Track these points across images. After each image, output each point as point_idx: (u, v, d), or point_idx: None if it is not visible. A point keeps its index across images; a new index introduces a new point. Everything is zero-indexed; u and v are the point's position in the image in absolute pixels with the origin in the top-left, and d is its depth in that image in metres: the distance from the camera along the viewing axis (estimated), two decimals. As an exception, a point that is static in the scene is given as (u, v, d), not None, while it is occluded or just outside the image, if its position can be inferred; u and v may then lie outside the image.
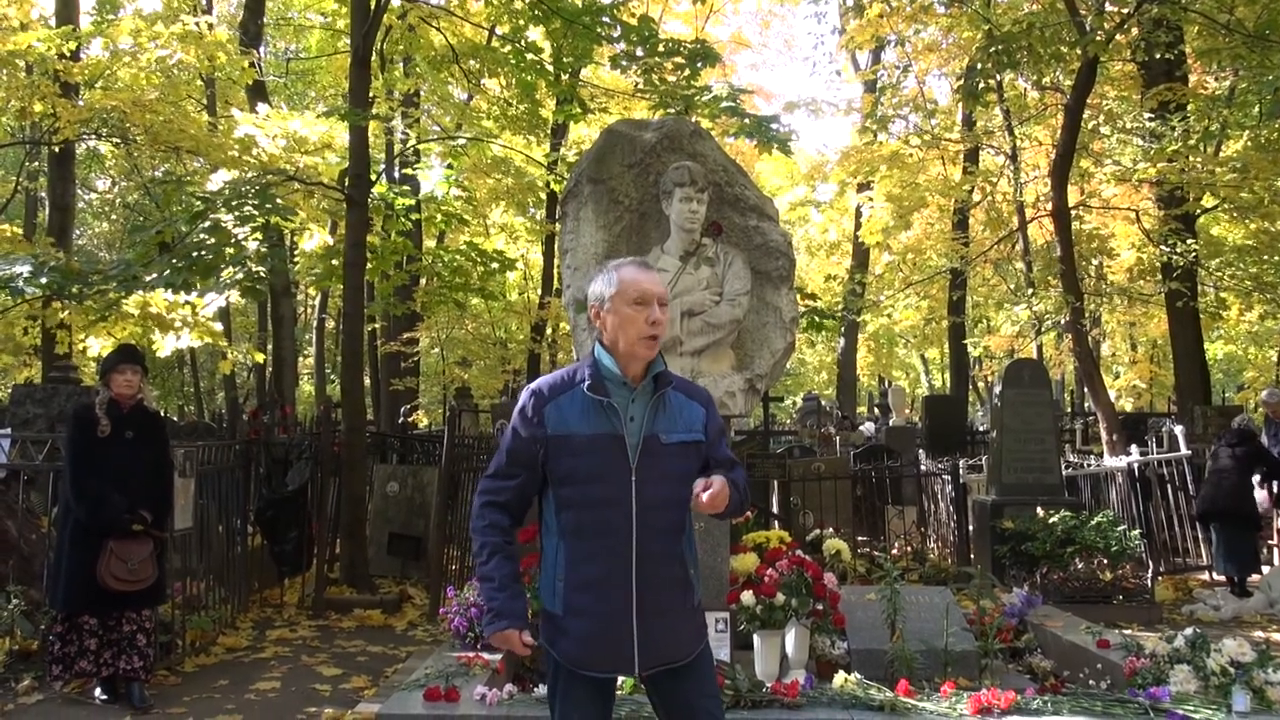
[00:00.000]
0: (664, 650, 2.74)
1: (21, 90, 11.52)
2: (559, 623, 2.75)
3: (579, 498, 2.72)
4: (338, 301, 20.24)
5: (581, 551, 2.71)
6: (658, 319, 2.74)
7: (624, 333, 2.74)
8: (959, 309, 19.78)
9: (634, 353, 2.75)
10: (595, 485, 2.70)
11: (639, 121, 6.35)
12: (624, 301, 2.74)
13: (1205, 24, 10.83)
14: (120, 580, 5.23)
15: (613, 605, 2.69)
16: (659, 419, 2.75)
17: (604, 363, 2.77)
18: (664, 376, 2.80)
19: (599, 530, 2.70)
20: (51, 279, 7.47)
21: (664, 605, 2.73)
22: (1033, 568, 7.95)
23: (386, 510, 9.77)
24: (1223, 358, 27.40)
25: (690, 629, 2.82)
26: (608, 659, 2.73)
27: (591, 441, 2.71)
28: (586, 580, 2.71)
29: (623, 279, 2.76)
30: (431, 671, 4.51)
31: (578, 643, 2.72)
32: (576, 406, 2.74)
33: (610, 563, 2.69)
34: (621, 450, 2.70)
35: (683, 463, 2.77)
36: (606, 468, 2.70)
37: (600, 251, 5.81)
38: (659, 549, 2.72)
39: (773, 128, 9.04)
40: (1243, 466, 8.81)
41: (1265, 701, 4.16)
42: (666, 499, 2.73)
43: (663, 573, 2.73)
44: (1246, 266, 15.31)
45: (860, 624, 5.17)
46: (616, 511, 2.68)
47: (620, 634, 2.69)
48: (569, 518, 2.74)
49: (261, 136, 10.94)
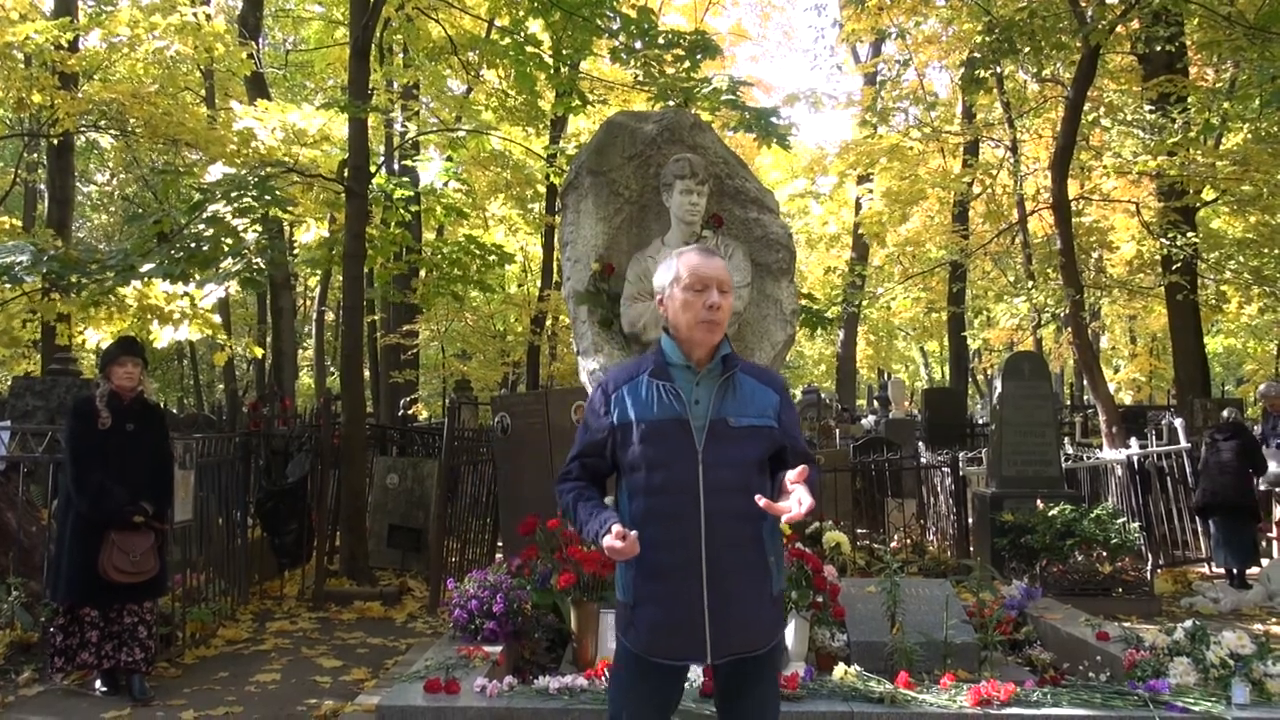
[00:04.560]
0: (737, 639, 2.70)
1: (20, 82, 11.48)
2: (630, 613, 2.75)
3: (646, 484, 2.71)
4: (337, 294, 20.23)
5: (650, 538, 2.67)
6: (715, 303, 2.72)
7: (683, 317, 2.76)
8: (958, 301, 19.78)
9: (693, 337, 2.75)
10: (661, 471, 2.69)
11: (639, 113, 6.33)
12: (682, 286, 2.76)
13: (1206, 16, 10.79)
14: (121, 572, 5.24)
15: (683, 592, 2.66)
16: (727, 402, 2.73)
17: (667, 349, 2.79)
18: (731, 359, 2.78)
19: (667, 516, 2.68)
20: (50, 268, 7.45)
21: (738, 592, 2.68)
22: (1032, 560, 7.97)
23: (386, 503, 9.77)
24: (1222, 351, 27.41)
25: (767, 618, 2.76)
26: (679, 646, 2.70)
27: (656, 428, 2.71)
28: (656, 568, 2.69)
29: (682, 265, 2.79)
30: (431, 663, 4.51)
31: (649, 630, 2.71)
32: (641, 394, 2.76)
33: (680, 549, 2.66)
34: (687, 434, 2.69)
35: (753, 447, 2.73)
36: (672, 453, 2.69)
37: (600, 244, 5.80)
38: (731, 534, 2.68)
39: (773, 121, 9.02)
40: (1240, 459, 8.81)
41: (1265, 694, 4.16)
42: (737, 483, 2.68)
43: (737, 558, 2.69)
44: (1246, 260, 15.30)
45: (860, 616, 5.17)
46: (684, 497, 2.66)
47: (692, 621, 2.66)
48: (638, 505, 2.74)
49: (260, 129, 10.92)
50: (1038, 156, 17.11)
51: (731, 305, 2.77)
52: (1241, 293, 17.04)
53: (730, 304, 2.78)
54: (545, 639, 5.24)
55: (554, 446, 7.53)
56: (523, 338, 18.18)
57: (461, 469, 9.18)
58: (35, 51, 11.38)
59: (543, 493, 7.34)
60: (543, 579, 5.11)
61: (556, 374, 18.16)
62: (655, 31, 9.33)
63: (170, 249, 7.72)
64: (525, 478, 7.76)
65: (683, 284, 2.76)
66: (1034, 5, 11.02)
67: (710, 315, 2.72)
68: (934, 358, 35.84)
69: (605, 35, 9.86)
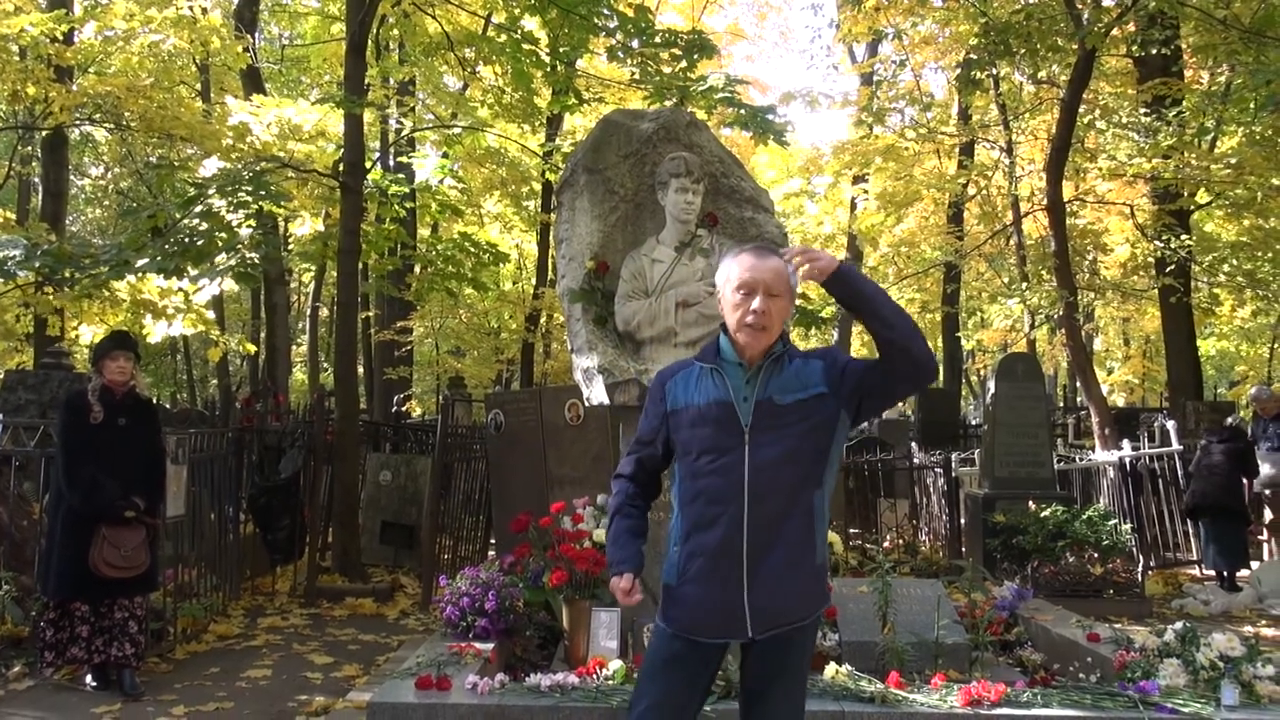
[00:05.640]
0: (777, 613, 2.73)
1: (14, 74, 11.43)
2: (673, 593, 2.79)
3: (695, 468, 2.77)
4: (331, 290, 20.20)
5: (696, 519, 2.76)
6: (759, 309, 2.74)
7: (731, 318, 2.81)
8: (952, 302, 19.80)
9: (738, 340, 2.79)
10: (708, 454, 2.75)
11: (636, 111, 6.32)
12: (731, 288, 2.80)
13: (1201, 19, 10.81)
14: (112, 567, 5.23)
15: (722, 570, 2.71)
16: (772, 383, 2.77)
17: (723, 344, 2.84)
18: (780, 353, 2.81)
19: (712, 497, 2.73)
20: (44, 262, 7.43)
21: (780, 567, 2.72)
22: (1024, 561, 7.98)
23: (379, 499, 9.76)
24: (1215, 354, 27.47)
25: (809, 589, 2.79)
26: (718, 625, 2.75)
27: (703, 411, 2.77)
28: (700, 547, 2.74)
29: (735, 265, 2.82)
30: (423, 660, 4.50)
31: (690, 609, 2.76)
32: (692, 383, 2.83)
33: (723, 528, 2.71)
34: (733, 417, 2.74)
35: (804, 419, 2.74)
36: (719, 436, 2.74)
37: (595, 242, 5.79)
38: (775, 510, 2.71)
39: (769, 118, 9.03)
40: (1232, 462, 8.84)
41: (1254, 696, 4.18)
42: (786, 456, 2.71)
43: (779, 534, 2.71)
44: (1240, 263, 15.34)
45: (852, 616, 5.18)
46: (729, 477, 2.71)
47: (731, 600, 2.71)
48: (686, 488, 2.80)
49: (256, 124, 10.90)
50: (1033, 158, 17.12)
51: (781, 307, 2.78)
52: (1235, 296, 17.07)
53: (780, 306, 2.78)
54: (537, 636, 5.24)
55: (547, 444, 7.53)
56: (517, 335, 18.19)
57: (455, 466, 9.18)
58: (30, 44, 11.33)
59: (536, 490, 7.37)
60: (535, 576, 5.11)
61: (551, 372, 18.18)
62: (652, 30, 9.34)
63: (164, 243, 7.71)
64: (518, 475, 7.76)
65: (732, 285, 2.80)
66: (1030, 8, 11.03)
67: (754, 320, 2.75)
68: (928, 358, 35.81)
69: (602, 33, 9.86)
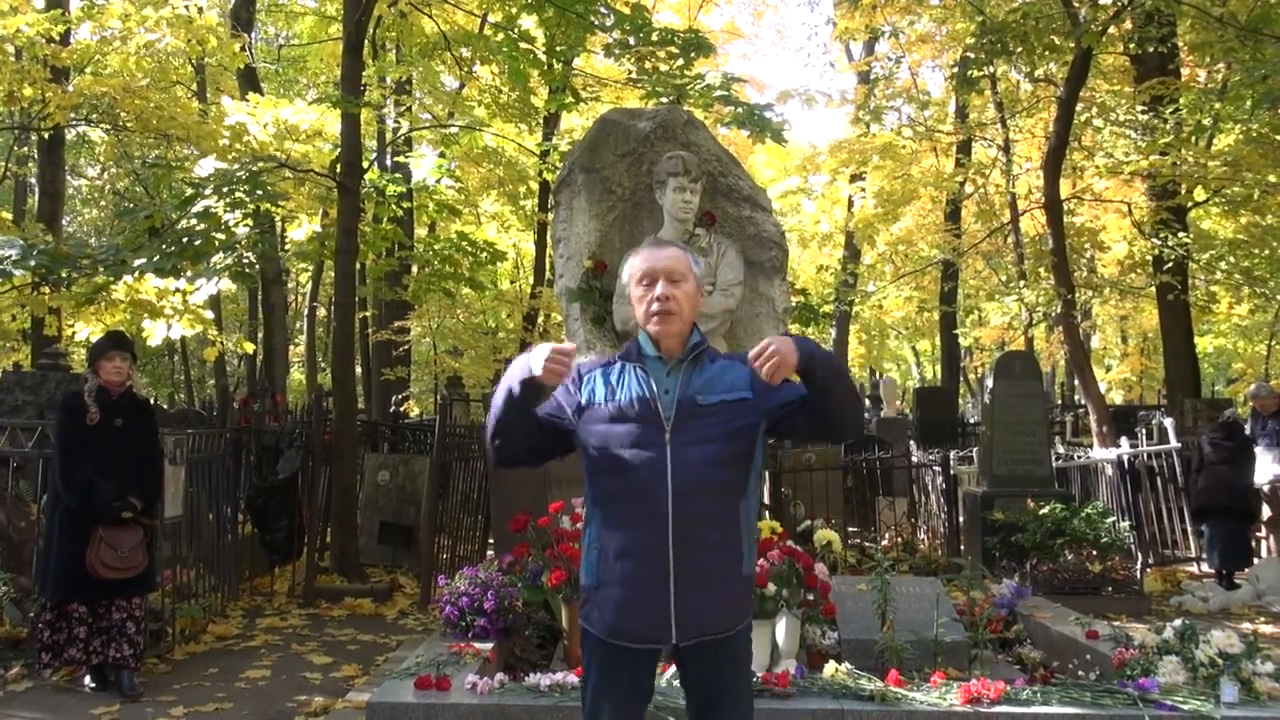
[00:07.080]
0: (705, 620, 2.65)
1: (10, 75, 11.40)
2: (594, 595, 2.70)
3: (612, 464, 2.68)
4: (329, 290, 20.19)
5: (615, 519, 2.67)
6: (662, 294, 2.72)
7: (639, 311, 2.80)
8: (950, 300, 19.80)
9: (650, 330, 2.77)
10: (627, 451, 2.66)
11: (633, 110, 6.33)
12: (633, 283, 2.81)
13: (1198, 17, 10.82)
14: (110, 568, 5.22)
15: (648, 571, 2.61)
16: (694, 382, 2.73)
17: (642, 341, 2.82)
18: (700, 346, 2.79)
19: (633, 496, 2.64)
20: (40, 262, 7.41)
21: (706, 572, 2.62)
22: (1022, 559, 7.98)
23: (377, 499, 9.75)
24: (1212, 351, 27.49)
25: (736, 598, 2.71)
26: (643, 628, 2.64)
27: (624, 408, 2.71)
28: (621, 547, 2.65)
29: (633, 261, 2.84)
30: (422, 660, 4.50)
31: (612, 612, 2.65)
32: (612, 378, 2.78)
33: (645, 528, 2.62)
34: (654, 415, 2.68)
35: (727, 422, 2.69)
36: (638, 434, 2.67)
37: (593, 240, 5.79)
38: (700, 512, 2.62)
39: (766, 116, 9.02)
40: (1237, 461, 8.81)
41: (1253, 692, 4.17)
42: (709, 462, 2.65)
43: (706, 537, 2.63)
44: (1237, 260, 15.33)
45: (851, 614, 5.17)
46: (650, 475, 2.62)
47: (656, 601, 2.61)
48: (602, 484, 2.72)
49: (252, 124, 10.88)
50: (1030, 156, 17.13)
51: (686, 292, 2.76)
52: (1232, 293, 17.07)
53: (685, 291, 2.76)
54: (536, 636, 5.24)
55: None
56: (515, 334, 18.18)
57: (453, 466, 9.17)
58: (26, 44, 11.32)
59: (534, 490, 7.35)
60: (534, 576, 5.10)
61: (549, 371, 18.10)
62: (649, 28, 9.33)
63: (161, 244, 7.69)
64: (517, 475, 7.73)
65: (635, 279, 2.81)
66: (1026, 7, 11.03)
67: (659, 305, 2.73)
68: (925, 356, 35.85)
69: (599, 32, 9.86)
